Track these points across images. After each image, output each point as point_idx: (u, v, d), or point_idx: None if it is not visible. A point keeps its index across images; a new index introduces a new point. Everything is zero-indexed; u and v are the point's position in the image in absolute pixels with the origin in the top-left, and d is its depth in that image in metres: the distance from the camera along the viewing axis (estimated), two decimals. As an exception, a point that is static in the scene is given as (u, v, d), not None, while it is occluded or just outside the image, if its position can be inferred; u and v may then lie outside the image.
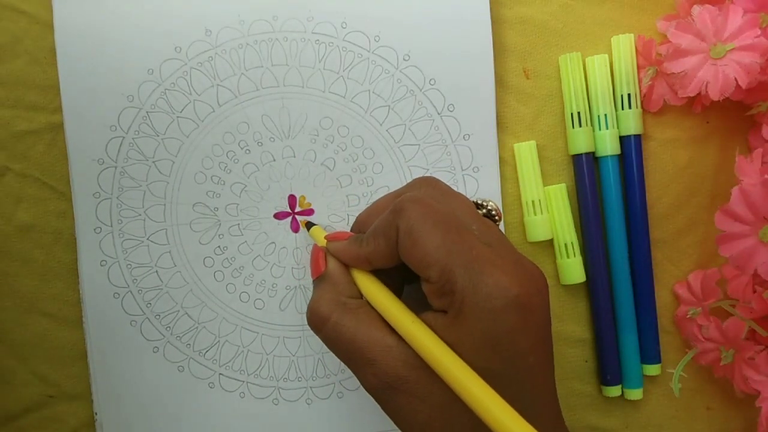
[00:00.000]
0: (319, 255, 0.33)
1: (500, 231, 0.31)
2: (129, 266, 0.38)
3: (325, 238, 0.33)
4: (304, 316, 0.39)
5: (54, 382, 0.39)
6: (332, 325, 0.30)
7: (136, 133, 0.38)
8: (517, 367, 0.27)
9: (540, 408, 0.28)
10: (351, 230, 0.34)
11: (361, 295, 0.31)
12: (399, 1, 0.39)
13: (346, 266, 0.32)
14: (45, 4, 0.37)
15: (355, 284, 0.32)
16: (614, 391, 0.41)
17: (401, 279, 0.33)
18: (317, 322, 0.30)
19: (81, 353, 0.39)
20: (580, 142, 0.40)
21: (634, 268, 0.41)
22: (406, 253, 0.28)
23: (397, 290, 0.33)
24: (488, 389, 0.25)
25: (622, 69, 0.40)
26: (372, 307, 0.30)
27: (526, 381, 0.27)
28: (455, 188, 0.39)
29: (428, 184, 0.32)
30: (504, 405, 0.24)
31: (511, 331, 0.26)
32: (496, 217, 0.33)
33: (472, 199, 0.33)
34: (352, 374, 0.30)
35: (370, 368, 0.28)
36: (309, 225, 0.38)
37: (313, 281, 0.33)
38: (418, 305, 0.29)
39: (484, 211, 0.33)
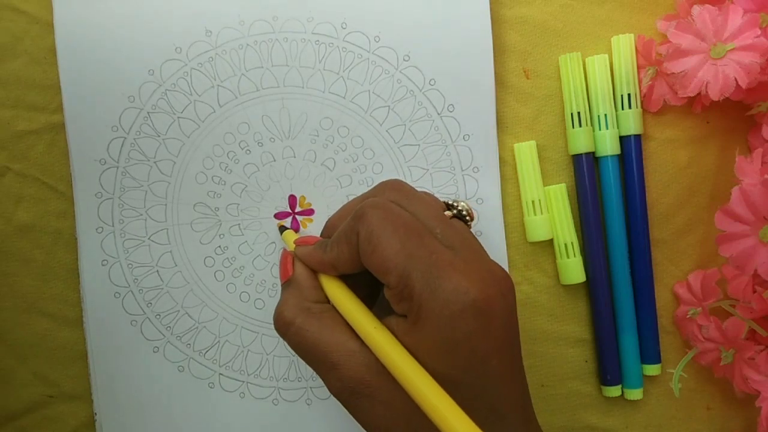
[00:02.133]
0: (287, 259, 0.33)
1: (469, 233, 0.31)
2: (130, 266, 0.38)
3: (294, 242, 0.34)
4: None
5: (54, 382, 0.39)
6: (296, 330, 0.30)
7: (138, 133, 0.38)
8: (477, 372, 0.27)
9: (506, 409, 0.28)
10: (321, 234, 0.34)
11: (327, 300, 0.31)
12: (399, 2, 0.39)
13: (315, 271, 0.32)
14: (45, 4, 0.37)
15: (322, 289, 0.32)
16: (614, 391, 0.41)
17: (373, 284, 0.33)
18: (282, 326, 0.30)
19: (81, 353, 0.39)
20: (580, 142, 0.40)
21: (634, 268, 0.41)
22: (366, 259, 0.28)
23: (368, 295, 0.33)
24: (443, 395, 0.24)
25: (622, 69, 0.40)
26: (337, 312, 0.30)
27: (489, 384, 0.27)
28: (455, 188, 0.39)
29: (393, 188, 0.32)
30: (457, 410, 0.24)
31: (469, 335, 0.26)
32: (467, 218, 0.32)
33: (443, 200, 0.33)
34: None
35: (333, 372, 0.28)
36: (282, 229, 0.38)
37: (281, 286, 0.33)
38: (391, 310, 0.29)
39: (455, 212, 0.32)
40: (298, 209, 0.39)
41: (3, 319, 0.39)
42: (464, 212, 0.32)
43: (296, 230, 0.39)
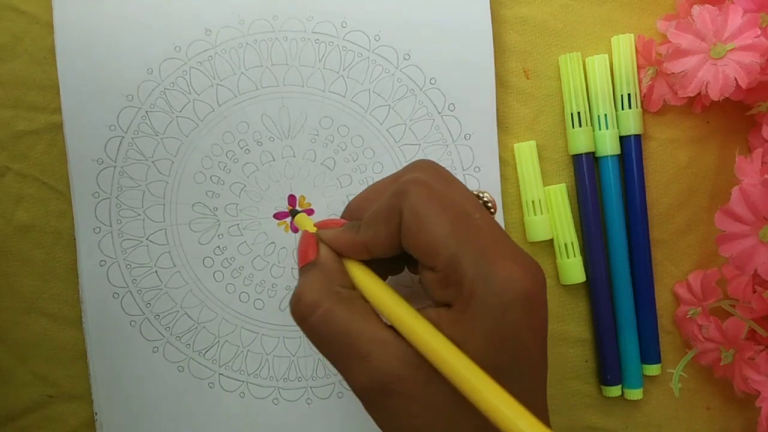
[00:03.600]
0: (309, 241, 0.30)
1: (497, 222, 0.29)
2: (128, 266, 0.38)
3: (316, 225, 0.31)
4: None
5: (54, 382, 0.39)
6: (322, 315, 0.27)
7: (136, 132, 0.38)
8: (523, 364, 0.26)
9: (536, 405, 0.26)
10: (342, 217, 0.32)
11: (353, 287, 0.29)
12: (399, 1, 0.39)
13: (338, 255, 0.30)
14: (45, 4, 0.37)
15: (347, 275, 0.29)
16: (614, 391, 0.41)
17: (386, 271, 0.31)
18: (304, 310, 0.27)
19: (81, 353, 0.39)
20: (580, 142, 0.40)
21: (634, 268, 0.41)
22: (411, 239, 0.26)
23: None
24: (500, 390, 0.23)
25: (622, 69, 0.40)
26: (366, 300, 0.28)
27: (531, 378, 0.26)
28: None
29: (430, 167, 0.29)
30: (517, 406, 0.23)
31: (519, 325, 0.25)
32: (492, 210, 0.31)
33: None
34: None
35: (362, 365, 0.26)
36: (293, 213, 0.37)
37: (300, 269, 0.30)
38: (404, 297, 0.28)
39: (481, 202, 0.31)
40: (298, 209, 0.39)
41: (3, 319, 0.39)
42: (489, 203, 0.31)
43: (295, 232, 0.39)
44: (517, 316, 0.25)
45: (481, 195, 0.32)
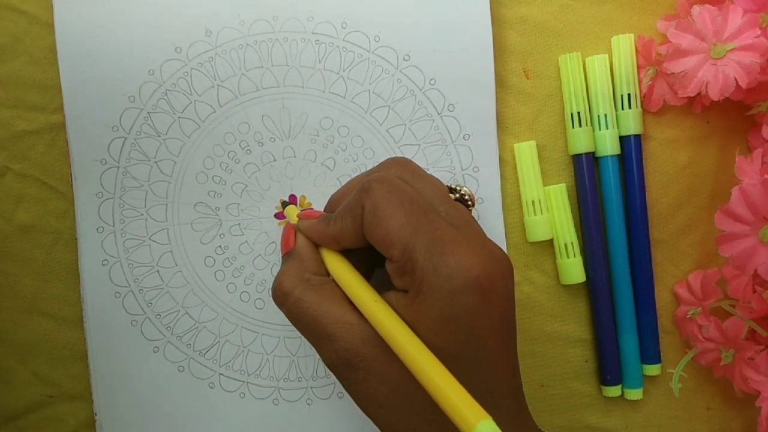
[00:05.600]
0: (289, 232, 0.33)
1: (470, 215, 0.31)
2: (130, 266, 0.38)
3: (297, 216, 0.34)
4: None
5: (54, 382, 0.39)
6: (294, 300, 0.30)
7: (138, 133, 0.38)
8: (475, 349, 0.27)
9: (499, 392, 0.28)
10: (324, 210, 0.34)
11: (327, 274, 0.31)
12: (399, 1, 0.39)
13: (316, 245, 0.32)
14: (45, 4, 0.37)
15: (322, 262, 0.32)
16: (614, 391, 0.41)
17: (372, 261, 0.33)
18: (280, 296, 0.30)
19: (81, 353, 0.39)
20: (580, 142, 0.40)
21: (634, 268, 0.41)
22: (371, 232, 0.28)
23: (368, 272, 0.33)
24: (442, 369, 0.24)
25: (622, 69, 0.40)
26: (337, 285, 0.30)
27: (484, 363, 0.27)
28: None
29: (399, 165, 0.32)
30: (456, 385, 0.24)
31: (469, 311, 0.27)
32: (469, 203, 0.33)
33: (446, 184, 0.33)
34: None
35: (330, 344, 0.28)
36: (284, 204, 0.38)
37: (282, 258, 0.33)
38: (387, 287, 0.29)
39: (458, 195, 0.33)
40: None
41: (3, 319, 0.39)
42: (466, 197, 0.33)
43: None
44: (468, 303, 0.26)
45: (458, 189, 0.33)
